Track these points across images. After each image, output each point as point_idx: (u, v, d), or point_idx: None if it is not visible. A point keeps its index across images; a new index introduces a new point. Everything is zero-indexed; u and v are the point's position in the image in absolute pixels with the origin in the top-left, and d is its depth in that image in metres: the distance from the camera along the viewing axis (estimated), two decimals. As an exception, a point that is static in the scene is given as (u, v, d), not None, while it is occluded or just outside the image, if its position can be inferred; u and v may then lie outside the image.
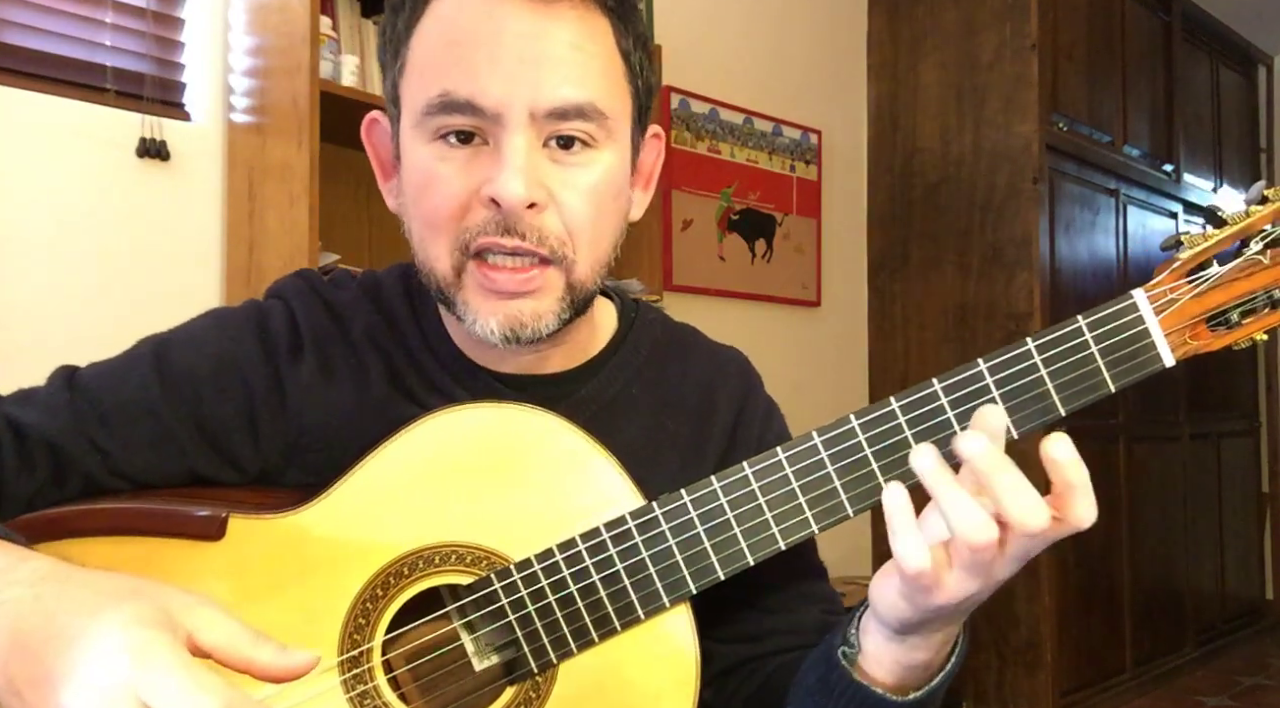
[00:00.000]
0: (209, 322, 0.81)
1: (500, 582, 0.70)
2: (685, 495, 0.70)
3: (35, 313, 1.81)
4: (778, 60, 3.29)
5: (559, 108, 0.69)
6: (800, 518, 0.70)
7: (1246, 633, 4.34)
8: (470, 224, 0.70)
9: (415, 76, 0.72)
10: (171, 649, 0.49)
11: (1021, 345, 0.67)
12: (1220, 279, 0.67)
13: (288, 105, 1.88)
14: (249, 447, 0.77)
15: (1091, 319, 0.67)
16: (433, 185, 0.71)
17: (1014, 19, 3.25)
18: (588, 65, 0.70)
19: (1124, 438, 3.57)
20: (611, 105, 0.72)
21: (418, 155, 0.72)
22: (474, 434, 0.71)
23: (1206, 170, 4.26)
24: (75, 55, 1.90)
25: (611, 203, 0.74)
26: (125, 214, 1.93)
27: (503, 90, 0.68)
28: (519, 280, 0.71)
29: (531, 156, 0.69)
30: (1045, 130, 3.23)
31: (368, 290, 0.84)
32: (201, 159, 2.03)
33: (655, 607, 0.70)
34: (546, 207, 0.70)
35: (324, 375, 0.78)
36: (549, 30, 0.68)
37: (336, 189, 2.14)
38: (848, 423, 0.69)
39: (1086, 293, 3.45)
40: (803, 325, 3.37)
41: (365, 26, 2.10)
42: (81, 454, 0.73)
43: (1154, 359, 0.67)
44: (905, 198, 3.52)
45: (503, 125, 0.68)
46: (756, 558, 0.70)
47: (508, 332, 0.71)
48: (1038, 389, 0.67)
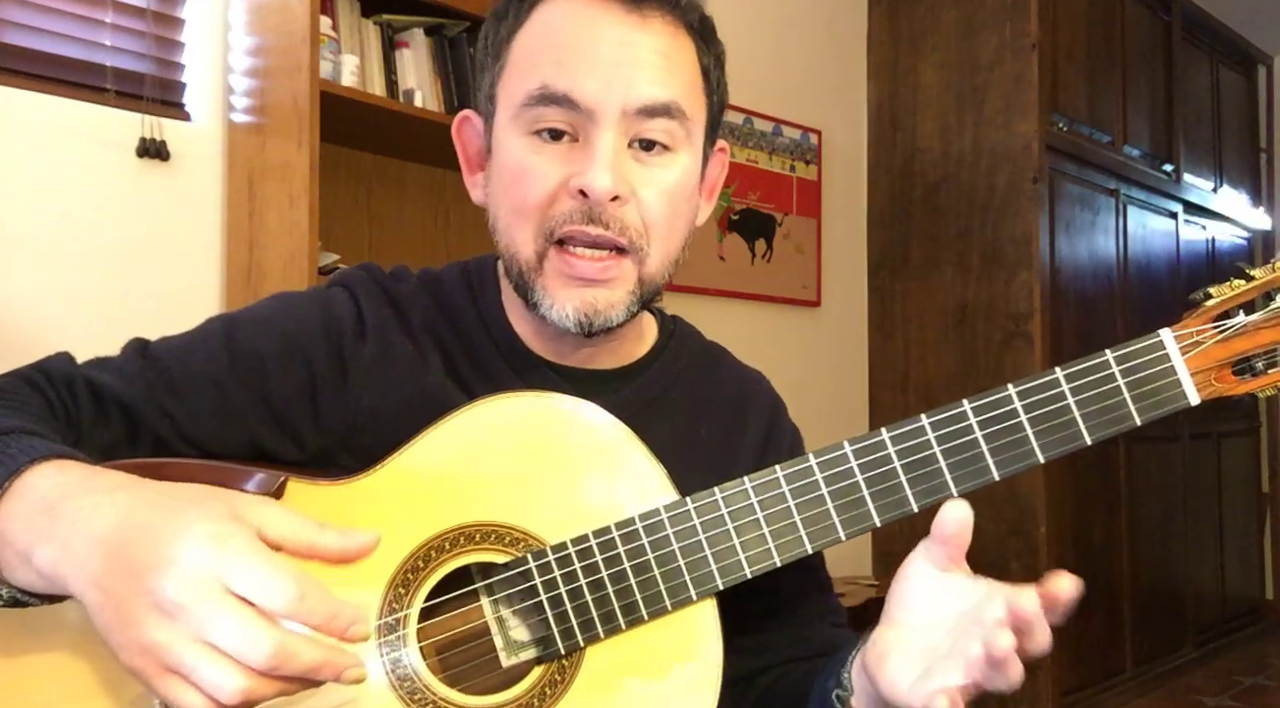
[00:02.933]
0: (277, 303, 0.85)
1: (535, 562, 0.73)
2: (718, 493, 0.73)
3: (35, 313, 1.81)
4: (778, 60, 3.29)
5: (648, 105, 0.75)
6: (827, 524, 0.73)
7: (1246, 633, 4.34)
8: (557, 212, 0.76)
9: (515, 74, 0.78)
10: (249, 539, 0.54)
11: (1050, 374, 0.71)
12: (1245, 327, 0.71)
13: (288, 105, 1.88)
14: (310, 423, 0.81)
15: (1119, 354, 0.71)
16: (524, 175, 0.77)
17: (1014, 19, 3.25)
18: (674, 72, 0.77)
19: (1124, 438, 3.57)
20: (692, 110, 0.79)
21: (512, 147, 0.78)
22: (520, 421, 0.75)
23: (1206, 170, 4.27)
24: (75, 55, 1.90)
25: (684, 204, 0.81)
26: (125, 214, 1.93)
27: (598, 87, 0.74)
28: (597, 268, 0.76)
29: (618, 153, 0.75)
30: (1045, 130, 3.23)
31: (427, 284, 0.88)
32: (201, 159, 2.03)
33: (683, 599, 0.73)
34: (628, 201, 0.76)
35: (384, 361, 0.82)
36: (642, 39, 0.76)
37: (336, 189, 2.14)
38: (879, 436, 0.73)
39: (1086, 293, 3.45)
40: (803, 325, 3.37)
41: (365, 26, 2.09)
42: (153, 418, 0.77)
43: (1179, 397, 0.71)
44: (905, 198, 3.52)
45: (595, 121, 0.75)
46: (784, 559, 0.73)
47: (582, 317, 0.77)
48: (1064, 417, 0.71)
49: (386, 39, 2.11)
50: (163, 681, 0.53)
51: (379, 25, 2.11)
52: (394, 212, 2.29)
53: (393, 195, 2.28)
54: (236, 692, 0.52)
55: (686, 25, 0.79)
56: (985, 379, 3.15)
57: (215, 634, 0.52)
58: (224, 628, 0.52)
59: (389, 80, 2.09)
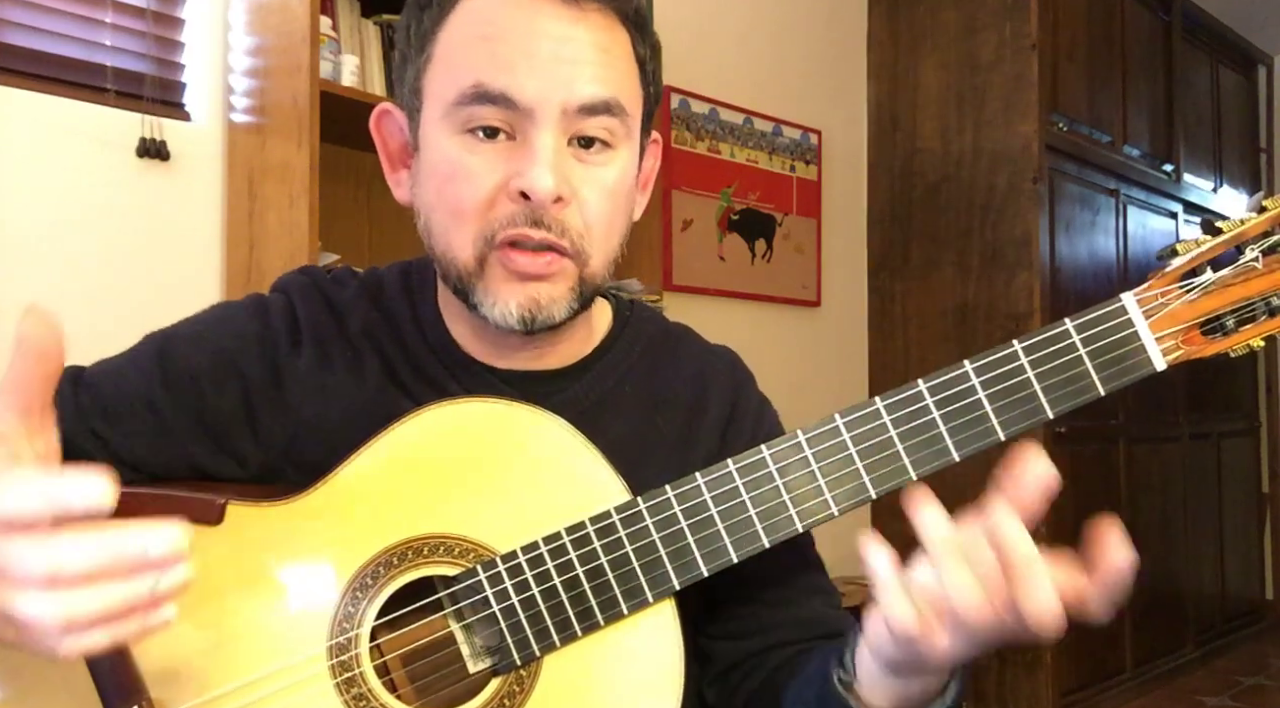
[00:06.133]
0: (213, 316, 0.83)
1: (485, 573, 0.71)
2: (670, 491, 0.71)
3: (35, 313, 1.81)
4: (778, 60, 3.29)
5: (589, 103, 0.72)
6: (784, 516, 0.70)
7: (1246, 633, 4.34)
8: (497, 216, 0.73)
9: (444, 69, 0.74)
10: None
11: (1008, 347, 0.67)
12: (1213, 284, 0.67)
13: (288, 105, 1.88)
14: (249, 440, 0.79)
15: (1079, 322, 0.67)
16: (460, 177, 0.73)
17: (1014, 19, 3.25)
18: (613, 66, 0.74)
19: (1124, 438, 3.57)
20: (631, 105, 0.76)
21: (444, 147, 0.74)
22: (464, 429, 0.73)
23: (1206, 170, 4.27)
24: (75, 55, 1.90)
25: (625, 201, 0.78)
26: (125, 214, 1.93)
27: (537, 86, 0.71)
28: (540, 263, 0.73)
29: (559, 153, 0.72)
30: (1045, 130, 3.23)
31: (368, 287, 0.85)
32: (201, 159, 2.03)
33: (638, 601, 0.71)
34: (570, 202, 0.73)
35: (321, 369, 0.80)
36: (580, 34, 0.73)
37: (336, 189, 2.14)
38: (833, 422, 0.70)
39: (1086, 293, 3.45)
40: (803, 325, 3.37)
41: (365, 26, 2.09)
42: (82, 440, 0.76)
43: (1144, 363, 0.67)
44: (905, 198, 3.52)
45: (534, 121, 0.71)
46: (740, 555, 0.71)
47: (525, 313, 0.74)
48: (1025, 391, 0.67)
49: (386, 39, 2.11)
50: None
51: (379, 25, 2.11)
52: (394, 211, 2.28)
53: (392, 195, 2.28)
54: (48, 616, 0.51)
55: (622, 16, 0.76)
56: (985, 379, 3.14)
57: None
58: None
59: (389, 80, 2.09)
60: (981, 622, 0.56)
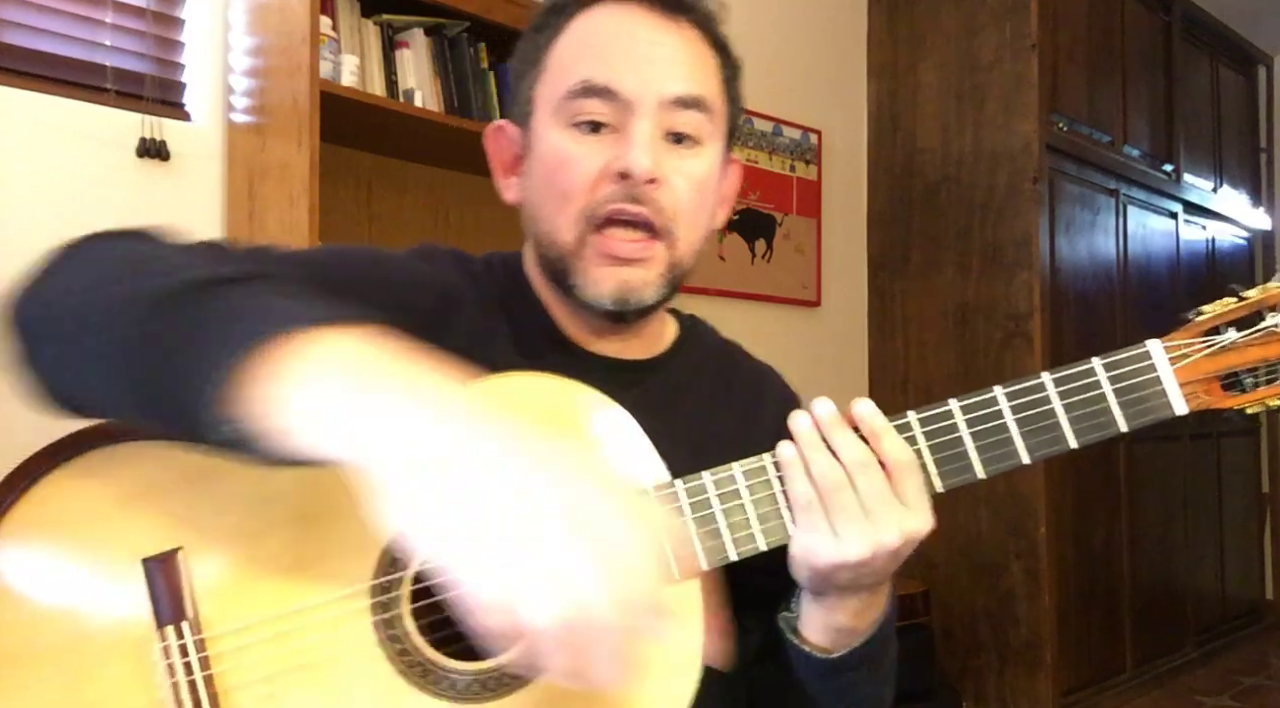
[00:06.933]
0: (385, 252, 0.90)
1: None
2: (706, 476, 0.74)
3: (35, 313, 1.81)
4: (778, 60, 3.29)
5: (681, 97, 0.82)
6: None
7: (1246, 633, 4.34)
8: (599, 196, 0.81)
9: (555, 74, 0.84)
10: None
11: (1036, 378, 0.73)
12: (1235, 343, 0.74)
13: (288, 105, 1.88)
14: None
15: (1106, 361, 0.73)
16: (567, 163, 0.82)
17: (1014, 19, 3.25)
18: (703, 69, 0.85)
19: (1124, 438, 3.57)
20: (719, 107, 0.86)
21: (553, 140, 0.83)
22: (531, 398, 0.77)
23: (1206, 170, 4.27)
24: (75, 55, 1.90)
25: (710, 195, 0.87)
26: (125, 214, 1.92)
27: (636, 80, 0.81)
28: (633, 248, 0.82)
29: (655, 141, 0.81)
30: (1045, 130, 3.23)
31: (487, 265, 0.92)
32: (201, 159, 2.03)
33: None
34: (663, 184, 0.81)
35: (469, 333, 0.84)
36: (674, 40, 0.83)
37: (336, 189, 2.14)
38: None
39: (1086, 293, 3.45)
40: (803, 325, 3.37)
41: (365, 26, 2.09)
42: None
43: (1165, 406, 0.73)
44: (905, 198, 3.52)
45: (633, 112, 0.81)
46: (770, 544, 0.74)
47: (618, 295, 0.82)
48: (1049, 421, 0.73)
49: (386, 39, 2.11)
50: None
51: (379, 25, 2.11)
52: (394, 212, 2.29)
53: (393, 195, 2.28)
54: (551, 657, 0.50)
55: (710, 37, 0.86)
56: (985, 379, 3.11)
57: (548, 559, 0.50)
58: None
59: (389, 80, 2.09)
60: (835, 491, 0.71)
